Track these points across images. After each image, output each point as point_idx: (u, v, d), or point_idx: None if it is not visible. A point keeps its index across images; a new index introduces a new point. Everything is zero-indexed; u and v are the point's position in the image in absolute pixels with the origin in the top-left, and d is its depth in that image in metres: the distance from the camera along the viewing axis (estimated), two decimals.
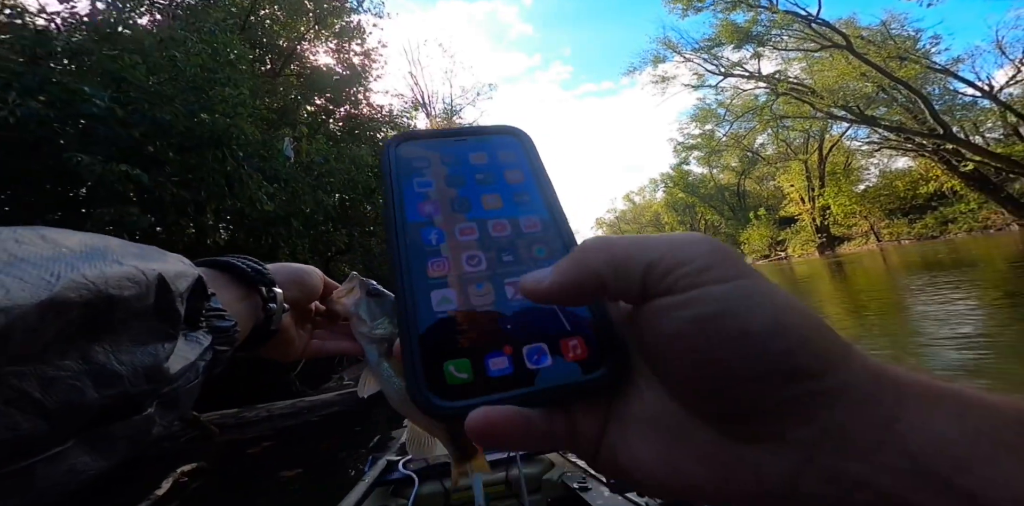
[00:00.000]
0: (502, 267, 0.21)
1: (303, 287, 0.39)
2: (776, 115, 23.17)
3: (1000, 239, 13.67)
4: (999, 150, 16.10)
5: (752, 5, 19.71)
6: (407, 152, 0.25)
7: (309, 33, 10.96)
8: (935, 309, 4.80)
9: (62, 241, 0.22)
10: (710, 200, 41.88)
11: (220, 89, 4.34)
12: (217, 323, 0.29)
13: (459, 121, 29.26)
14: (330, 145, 7.15)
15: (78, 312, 0.19)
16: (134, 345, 0.22)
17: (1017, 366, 2.71)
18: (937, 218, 19.57)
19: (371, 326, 0.37)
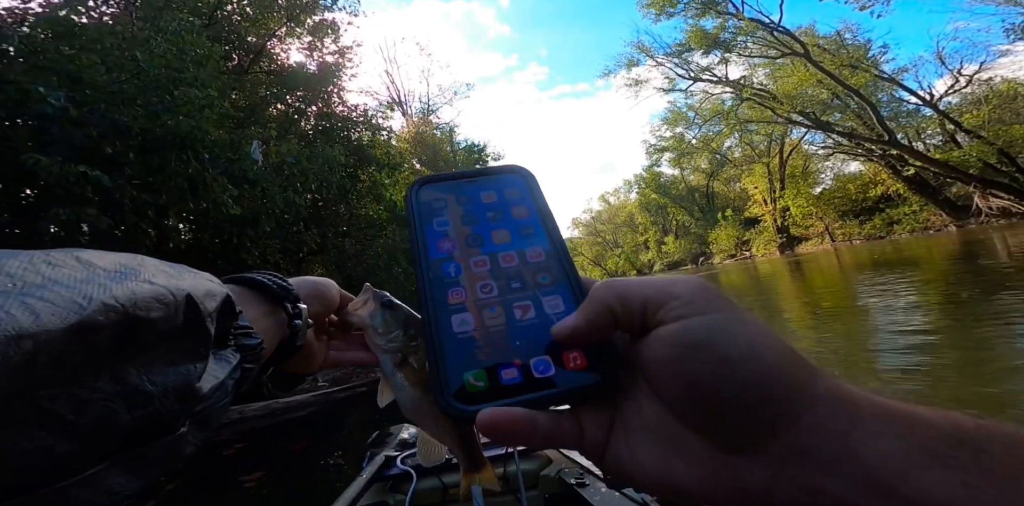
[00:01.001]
0: (511, 293, 0.25)
1: (324, 301, 0.40)
2: (740, 119, 24.17)
3: (939, 239, 14.82)
4: (937, 156, 17.40)
5: (720, 12, 20.51)
6: (427, 195, 0.29)
7: (281, 30, 10.70)
8: (881, 304, 5.24)
9: (96, 262, 0.22)
10: (681, 201, 43.19)
11: (186, 90, 4.25)
12: (245, 341, 0.29)
13: (436, 120, 29.19)
14: (302, 145, 7.05)
15: (107, 334, 0.19)
16: (166, 365, 0.22)
17: (949, 351, 3.03)
18: (884, 219, 20.91)
19: (386, 337, 0.39)
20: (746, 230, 33.30)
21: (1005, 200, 15.45)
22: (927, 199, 18.78)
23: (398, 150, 18.23)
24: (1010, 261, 6.80)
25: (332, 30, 11.69)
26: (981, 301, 4.17)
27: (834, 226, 23.90)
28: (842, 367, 3.06)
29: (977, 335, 3.19)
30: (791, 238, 27.53)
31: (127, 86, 3.96)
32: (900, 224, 20.01)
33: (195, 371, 0.24)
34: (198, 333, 0.24)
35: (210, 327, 0.25)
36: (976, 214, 16.72)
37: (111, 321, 0.19)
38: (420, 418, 0.39)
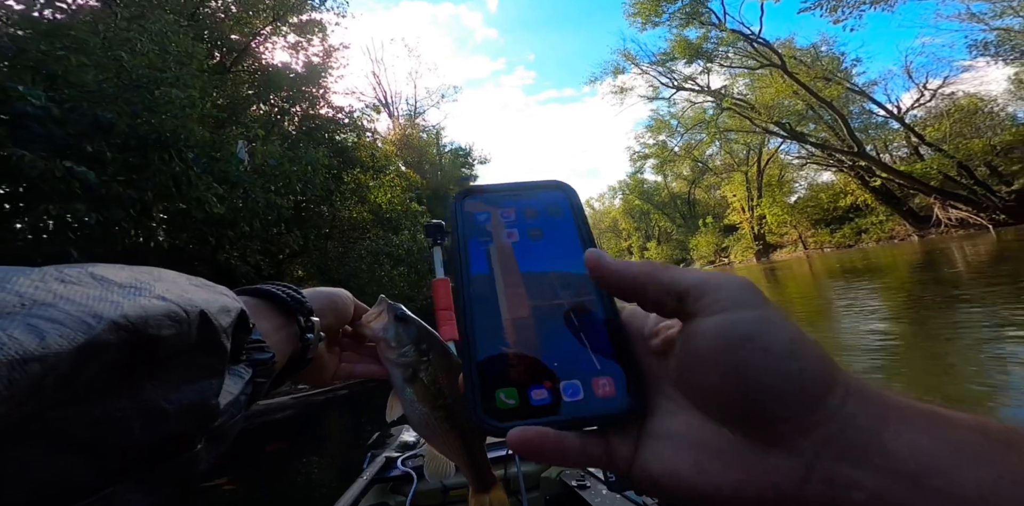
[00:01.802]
0: (547, 314, 0.25)
1: (337, 313, 0.40)
2: (721, 128, 24.90)
3: (902, 248, 15.57)
4: (902, 168, 18.29)
5: (704, 22, 21.11)
6: (470, 207, 0.29)
7: (265, 29, 10.61)
8: (850, 309, 5.53)
9: (112, 277, 0.22)
10: (664, 208, 44.07)
11: (167, 89, 4.25)
12: (257, 355, 0.29)
13: (423, 123, 29.19)
14: (285, 147, 7.05)
15: (117, 353, 0.19)
16: (182, 382, 0.22)
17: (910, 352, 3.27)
18: (853, 228, 21.81)
19: (398, 351, 0.38)
20: (725, 237, 34.19)
21: (963, 211, 16.34)
22: (892, 209, 19.68)
23: (383, 152, 18.20)
24: (966, 270, 7.25)
25: (319, 30, 11.62)
26: (939, 306, 4.44)
27: (807, 234, 24.76)
28: None
29: (934, 336, 3.42)
30: (767, 245, 28.40)
31: (107, 85, 3.95)
32: (868, 233, 20.88)
33: (212, 388, 0.24)
34: (214, 349, 0.24)
35: (226, 343, 0.25)
36: (936, 224, 17.62)
37: (121, 340, 0.19)
38: (428, 434, 0.39)
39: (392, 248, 11.78)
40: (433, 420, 0.38)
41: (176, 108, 4.17)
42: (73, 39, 3.53)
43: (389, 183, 14.61)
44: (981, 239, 12.44)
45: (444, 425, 0.38)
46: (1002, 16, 16.25)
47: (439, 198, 24.37)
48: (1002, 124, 20.27)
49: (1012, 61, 16.98)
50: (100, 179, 3.48)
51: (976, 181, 16.27)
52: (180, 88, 4.23)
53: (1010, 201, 15.29)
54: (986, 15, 16.76)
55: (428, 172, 25.06)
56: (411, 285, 12.65)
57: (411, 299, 13.04)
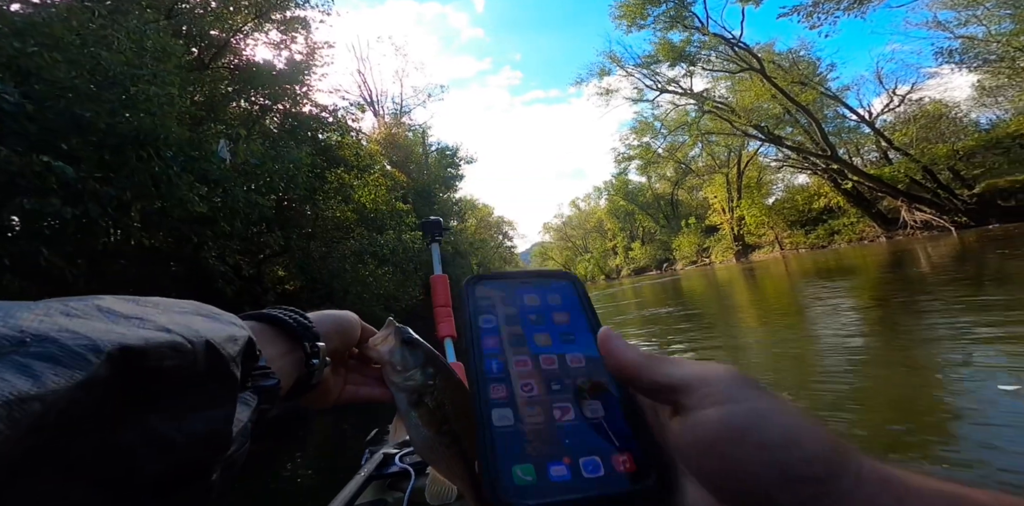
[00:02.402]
0: (557, 394, 0.26)
1: (344, 336, 0.40)
2: (702, 131, 25.45)
3: (872, 249, 16.21)
4: (872, 171, 19.06)
5: (687, 26, 21.47)
6: (480, 292, 0.31)
7: (247, 25, 10.49)
8: (822, 307, 5.74)
9: (118, 309, 0.22)
10: (648, 208, 44.76)
11: (145, 87, 4.22)
12: (262, 383, 0.29)
13: (409, 122, 29.06)
14: (267, 146, 7.04)
15: (119, 386, 0.19)
16: (192, 412, 0.22)
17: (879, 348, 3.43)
18: (826, 230, 22.54)
19: (403, 375, 0.38)
20: (706, 237, 34.94)
21: (928, 214, 17.11)
22: (863, 211, 20.46)
23: (368, 151, 18.09)
24: (929, 270, 7.66)
25: (303, 27, 11.52)
26: (905, 304, 4.68)
27: (783, 235, 25.50)
28: (792, 365, 3.39)
29: (899, 333, 3.64)
30: (746, 246, 29.14)
31: (80, 81, 3.92)
32: (840, 234, 21.64)
33: (224, 416, 0.24)
34: (223, 379, 0.24)
35: (236, 372, 0.25)
36: (903, 226, 18.39)
37: (121, 373, 0.19)
38: (432, 457, 0.39)
39: (377, 248, 11.77)
40: (437, 445, 0.38)
41: (154, 106, 4.16)
42: (47, 36, 3.52)
43: (374, 182, 14.57)
44: (944, 241, 13.07)
45: (448, 450, 0.38)
46: (966, 24, 17.02)
47: (424, 197, 24.32)
48: (965, 130, 21.26)
49: (975, 69, 17.77)
50: (77, 175, 3.48)
51: (940, 185, 17.06)
52: (158, 85, 4.21)
53: (971, 204, 16.08)
54: (951, 24, 17.53)
55: (414, 171, 24.98)
56: (396, 285, 12.66)
57: (396, 299, 13.05)
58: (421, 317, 13.13)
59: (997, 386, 2.19)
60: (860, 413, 2.27)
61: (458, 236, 25.72)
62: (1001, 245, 8.87)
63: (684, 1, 20.73)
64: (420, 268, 14.77)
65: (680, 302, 9.58)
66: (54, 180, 3.35)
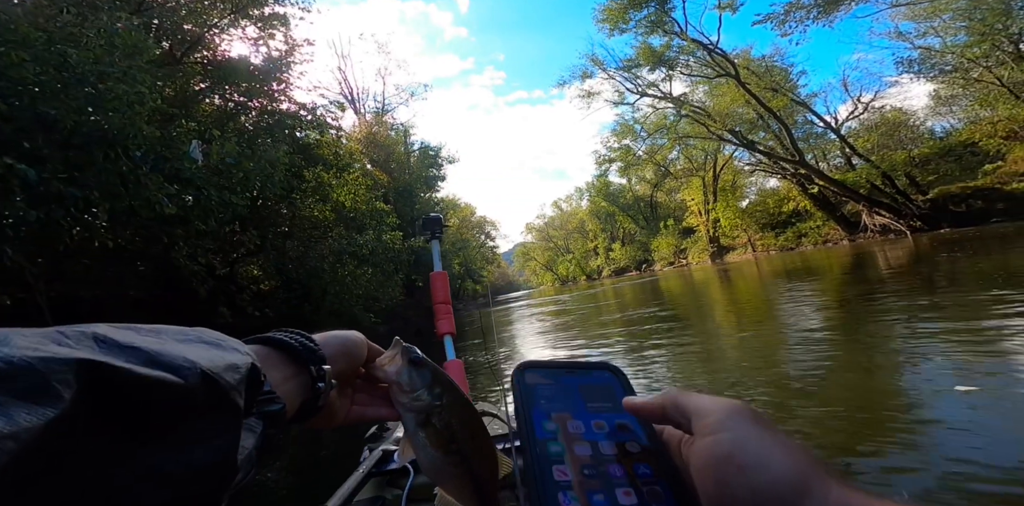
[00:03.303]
0: (615, 478, 0.27)
1: (350, 358, 0.39)
2: (680, 134, 26.07)
3: (836, 251, 16.98)
4: (836, 176, 19.95)
5: (667, 31, 21.87)
6: (530, 379, 0.33)
7: (223, 21, 10.25)
8: (790, 306, 6.06)
9: (115, 338, 0.21)
10: (628, 210, 45.52)
11: (113, 85, 4.14)
12: (268, 408, 0.29)
13: (391, 121, 28.78)
14: (243, 146, 6.93)
15: (98, 421, 0.18)
16: (191, 444, 0.22)
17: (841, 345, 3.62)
18: (794, 232, 23.44)
19: (411, 396, 0.38)
20: (684, 239, 35.81)
21: (886, 218, 18.04)
22: (828, 215, 21.39)
23: (348, 150, 17.87)
24: (888, 272, 8.13)
25: (282, 24, 11.31)
26: (866, 305, 4.95)
27: (755, 238, 26.39)
28: (759, 363, 3.55)
29: (863, 333, 3.83)
30: (721, 248, 30.00)
31: (45, 78, 3.83)
32: (807, 237, 22.56)
33: (227, 446, 0.24)
34: (224, 408, 0.24)
35: (238, 400, 0.25)
36: (864, 230, 19.31)
37: (99, 408, 0.18)
38: (440, 478, 0.39)
39: (356, 248, 11.70)
40: (445, 465, 0.38)
41: (123, 105, 4.08)
42: (12, 32, 3.43)
43: (353, 182, 14.43)
44: (900, 244, 13.83)
45: (456, 470, 0.38)
46: (924, 36, 17.80)
47: (406, 197, 24.16)
48: (921, 137, 22.50)
49: (932, 78, 18.69)
50: (40, 176, 3.40)
51: (897, 190, 18.00)
52: (128, 83, 4.13)
53: (925, 209, 17.03)
54: (911, 34, 18.30)
55: (395, 171, 24.77)
56: (377, 285, 12.59)
57: (376, 299, 12.99)
58: (402, 318, 13.43)
59: (954, 387, 2.28)
60: (820, 410, 2.37)
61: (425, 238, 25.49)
62: (951, 248, 9.47)
63: (665, 6, 21.20)
64: (401, 269, 14.73)
65: (659, 303, 9.86)
66: (17, 182, 3.27)
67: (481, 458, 0.39)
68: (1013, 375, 2.27)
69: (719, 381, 3.24)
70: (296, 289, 11.09)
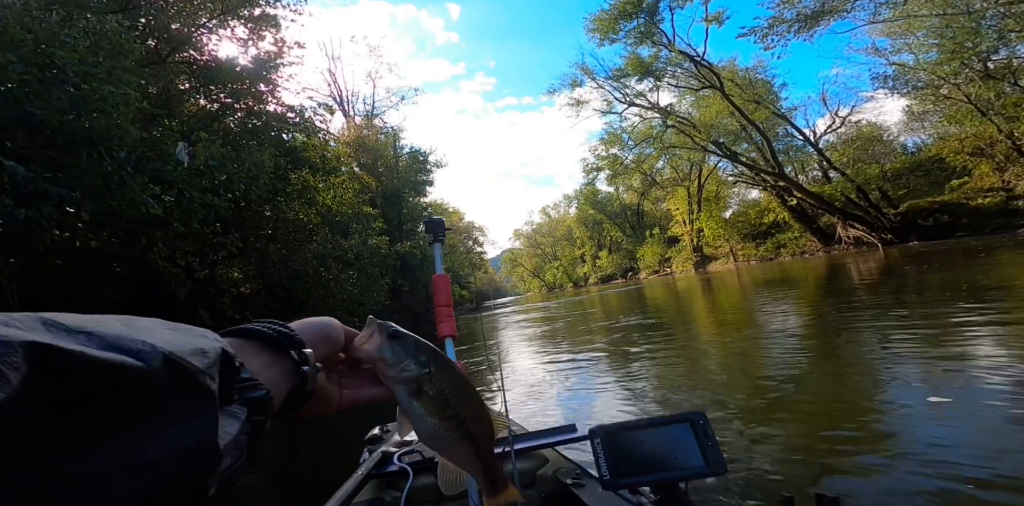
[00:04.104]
0: None
1: (329, 341, 0.39)
2: (666, 144, 26.58)
3: (812, 262, 17.51)
4: (813, 189, 20.63)
5: (655, 42, 22.38)
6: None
7: (212, 21, 10.16)
8: (768, 315, 6.29)
9: (65, 322, 0.21)
10: (615, 218, 46.09)
11: (99, 85, 4.12)
12: (250, 394, 0.29)
13: (380, 124, 28.68)
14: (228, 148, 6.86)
15: (60, 407, 0.18)
16: (163, 429, 0.21)
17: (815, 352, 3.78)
18: (774, 243, 24.13)
19: (398, 368, 0.38)
20: (669, 248, 36.40)
21: (860, 230, 18.72)
22: (805, 227, 22.08)
23: (336, 153, 17.75)
24: (860, 283, 8.46)
25: (272, 25, 11.24)
26: (841, 315, 5.14)
27: (737, 248, 27.01)
28: (740, 367, 3.69)
29: (836, 341, 4.01)
30: (704, 257, 30.60)
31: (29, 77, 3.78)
32: (785, 248, 23.22)
33: (205, 430, 0.24)
34: (194, 391, 0.24)
35: (210, 384, 0.25)
36: (838, 242, 19.97)
37: (54, 393, 0.18)
38: (439, 446, 0.38)
39: (341, 252, 11.59)
40: (444, 431, 0.38)
41: (108, 106, 4.05)
42: (1, 35, 3.38)
43: (340, 185, 14.32)
44: (872, 256, 14.36)
45: (455, 435, 0.38)
46: (899, 52, 18.46)
47: (393, 202, 24.04)
48: (894, 152, 23.45)
49: (905, 94, 19.34)
50: (28, 175, 3.34)
51: (870, 204, 18.70)
52: (113, 84, 4.10)
53: (896, 223, 17.73)
54: (887, 51, 18.97)
55: (383, 174, 24.65)
56: (362, 290, 12.46)
57: (361, 303, 12.84)
58: None
59: (927, 398, 2.30)
60: (796, 422, 2.41)
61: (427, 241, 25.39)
62: (920, 261, 9.90)
63: (653, 18, 21.78)
64: (386, 273, 14.62)
65: (644, 311, 10.02)
66: (6, 179, 3.21)
67: (477, 420, 0.39)
68: (981, 386, 2.35)
69: (698, 388, 3.34)
70: (278, 292, 10.92)
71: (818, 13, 16.00)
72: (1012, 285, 5.13)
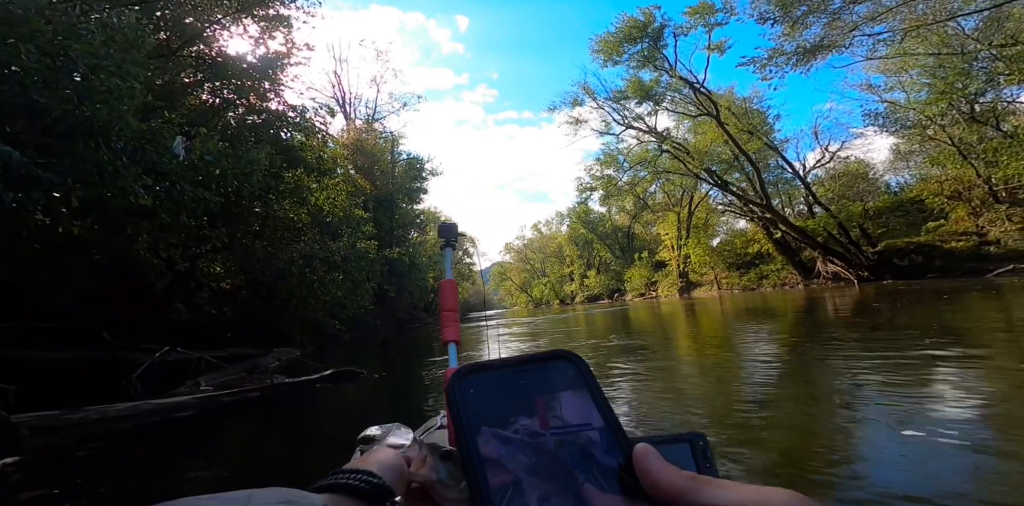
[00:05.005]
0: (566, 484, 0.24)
1: (400, 470, 0.39)
2: (659, 169, 27.17)
3: (792, 294, 17.88)
4: (798, 223, 21.24)
5: (657, 67, 22.97)
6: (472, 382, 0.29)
7: (226, 18, 10.29)
8: (747, 345, 6.40)
9: None
10: (606, 239, 46.58)
11: (106, 78, 4.15)
12: None
13: (380, 128, 28.94)
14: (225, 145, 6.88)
15: None
16: None
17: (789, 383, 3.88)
18: (757, 274, 24.57)
19: (457, 490, 0.37)
20: (656, 272, 36.83)
21: (838, 266, 19.26)
22: (787, 259, 22.62)
23: (332, 154, 17.79)
24: (835, 315, 8.71)
25: (284, 25, 11.41)
26: (816, 346, 5.33)
27: (722, 276, 27.45)
28: (715, 394, 3.78)
29: (812, 372, 4.12)
30: (689, 283, 31.00)
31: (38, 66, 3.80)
32: (768, 279, 23.67)
33: None
34: None
35: None
36: (817, 276, 20.48)
37: None
38: None
39: (329, 253, 11.52)
40: None
41: (113, 98, 4.08)
42: (23, 26, 3.43)
43: (334, 187, 14.32)
44: (848, 291, 14.76)
45: None
46: (892, 90, 19.16)
47: (386, 207, 24.05)
48: (877, 191, 24.31)
49: (894, 132, 19.88)
50: (22, 160, 3.34)
51: (850, 240, 19.29)
52: (121, 77, 4.15)
53: (873, 260, 18.30)
54: (881, 88, 19.69)
55: (379, 179, 24.72)
56: (346, 292, 12.35)
57: (344, 306, 12.71)
58: (370, 327, 13.19)
59: (901, 432, 2.35)
60: (770, 451, 2.43)
61: (416, 248, 25.43)
62: (893, 299, 10.22)
63: (658, 43, 22.52)
64: (372, 277, 14.52)
65: (627, 332, 10.12)
66: None
67: None
68: (952, 421, 2.45)
69: (671, 410, 3.40)
70: (261, 290, 10.76)
71: (817, 47, 16.37)
72: (974, 327, 5.40)
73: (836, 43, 16.37)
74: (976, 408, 2.63)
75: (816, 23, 16.25)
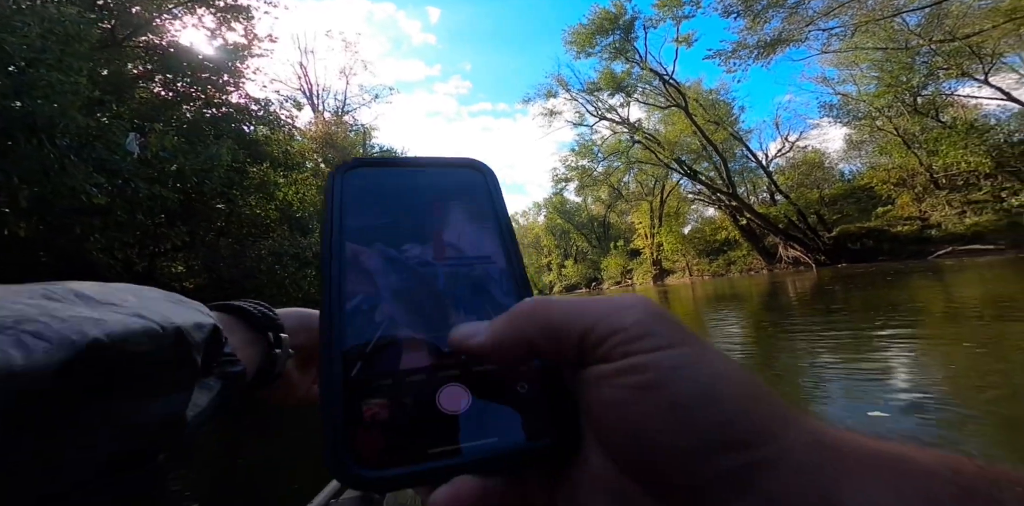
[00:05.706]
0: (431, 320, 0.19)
1: (311, 333, 0.39)
2: (632, 159, 27.70)
3: (757, 279, 18.71)
4: (761, 210, 22.16)
5: (629, 59, 23.45)
6: (358, 181, 0.23)
7: (178, 8, 9.79)
8: (718, 326, 6.79)
9: (91, 294, 0.22)
10: (582, 228, 47.18)
11: (46, 72, 3.95)
12: (228, 369, 0.29)
13: (351, 122, 28.15)
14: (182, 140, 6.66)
15: (97, 369, 0.19)
16: (153, 397, 0.22)
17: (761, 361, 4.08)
18: (725, 260, 25.63)
19: None
20: (631, 260, 37.68)
21: (798, 251, 20.28)
22: (753, 245, 23.62)
23: (300, 148, 17.29)
24: (795, 298, 9.26)
25: (244, 17, 10.94)
26: (780, 328, 5.66)
27: (693, 263, 28.41)
28: None
29: (778, 353, 4.37)
30: (662, 270, 31.90)
31: None
32: (735, 265, 24.70)
33: (181, 401, 0.24)
34: (185, 365, 0.24)
35: (197, 358, 0.25)
36: (779, 261, 21.56)
37: (102, 357, 0.19)
38: None
39: (299, 250, 11.33)
40: None
41: (55, 93, 3.89)
42: None
43: (303, 181, 13.99)
44: (807, 275, 15.61)
45: None
46: (844, 83, 20.33)
47: None
48: (832, 179, 25.52)
49: (847, 123, 21.20)
50: None
51: (807, 226, 20.31)
52: (63, 72, 3.96)
53: (829, 245, 19.35)
54: (834, 81, 20.86)
55: None
56: (319, 289, 12.15)
57: (317, 303, 12.51)
58: None
59: (867, 413, 2.36)
60: None
61: None
62: (847, 282, 10.92)
63: (629, 35, 22.92)
64: None
65: None
66: None
67: None
68: (913, 400, 2.55)
69: None
70: (228, 288, 10.56)
71: (777, 40, 17.31)
72: (918, 307, 5.82)
73: (794, 37, 17.13)
74: (928, 386, 2.75)
75: (776, 17, 16.90)
